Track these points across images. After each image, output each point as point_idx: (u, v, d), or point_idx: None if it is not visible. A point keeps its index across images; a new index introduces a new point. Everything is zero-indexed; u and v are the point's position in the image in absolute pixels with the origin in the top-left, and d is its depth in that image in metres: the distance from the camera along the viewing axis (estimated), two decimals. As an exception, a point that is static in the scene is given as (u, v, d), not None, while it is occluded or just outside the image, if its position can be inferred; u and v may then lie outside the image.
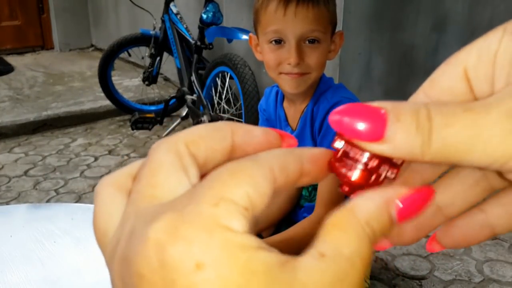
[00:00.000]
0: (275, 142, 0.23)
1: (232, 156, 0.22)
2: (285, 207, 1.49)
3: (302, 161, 0.22)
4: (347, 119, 0.20)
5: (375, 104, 0.20)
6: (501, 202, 0.23)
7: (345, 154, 0.22)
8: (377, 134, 0.19)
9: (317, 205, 1.23)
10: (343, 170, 0.22)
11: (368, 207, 0.20)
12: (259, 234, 1.31)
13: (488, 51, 0.21)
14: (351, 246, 0.19)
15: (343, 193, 0.22)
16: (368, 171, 0.22)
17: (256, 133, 0.23)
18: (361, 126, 0.20)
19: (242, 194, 0.18)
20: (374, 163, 0.21)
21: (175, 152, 0.20)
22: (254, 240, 0.17)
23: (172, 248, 0.16)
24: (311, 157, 0.22)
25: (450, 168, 0.25)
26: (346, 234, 0.20)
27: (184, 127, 3.04)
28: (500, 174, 0.21)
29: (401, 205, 0.21)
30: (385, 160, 0.21)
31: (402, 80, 2.55)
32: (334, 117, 0.20)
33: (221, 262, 0.16)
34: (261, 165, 0.20)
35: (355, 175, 0.22)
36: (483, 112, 0.18)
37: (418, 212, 0.21)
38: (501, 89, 0.20)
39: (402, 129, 0.19)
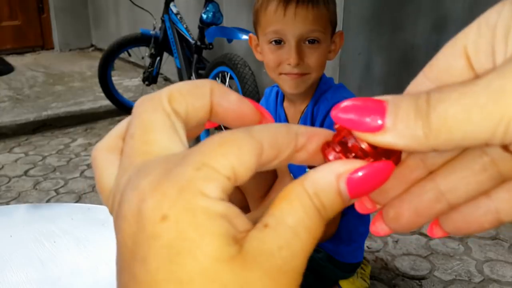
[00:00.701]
0: (250, 113, 0.23)
1: (213, 113, 0.23)
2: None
3: (297, 136, 0.22)
4: (348, 111, 0.20)
5: (377, 97, 0.20)
6: (508, 186, 0.22)
7: (343, 143, 0.21)
8: (377, 125, 0.19)
9: None
10: (330, 157, 0.21)
11: (317, 179, 0.20)
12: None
13: (487, 25, 0.20)
14: (295, 216, 0.19)
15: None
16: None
17: (231, 98, 0.23)
18: (361, 118, 0.20)
19: (226, 164, 0.19)
20: (366, 155, 0.21)
21: (162, 110, 0.21)
22: (221, 208, 0.19)
23: (149, 199, 0.18)
24: (307, 132, 0.22)
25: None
26: (291, 204, 0.20)
27: (184, 127, 3.04)
28: (507, 149, 0.20)
29: (352, 178, 0.20)
30: (380, 157, 0.21)
31: (402, 80, 2.55)
32: (335, 112, 0.20)
33: (181, 218, 0.18)
34: (251, 137, 0.20)
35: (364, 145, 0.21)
36: (478, 80, 0.18)
37: (372, 186, 0.20)
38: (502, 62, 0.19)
39: (402, 116, 0.19)
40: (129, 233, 0.19)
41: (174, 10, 2.78)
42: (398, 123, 0.19)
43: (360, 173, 0.20)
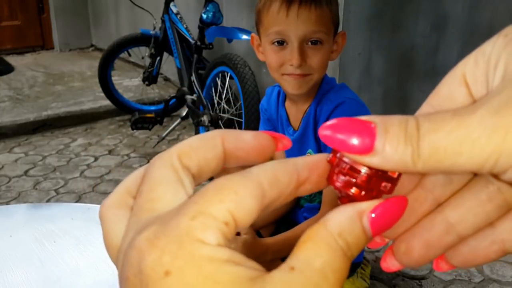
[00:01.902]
0: (267, 144, 0.24)
1: (226, 162, 0.23)
2: (286, 208, 1.49)
3: (298, 170, 0.22)
4: (336, 133, 0.20)
5: (364, 118, 0.20)
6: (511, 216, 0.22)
7: (342, 167, 0.22)
8: (366, 147, 0.19)
9: (322, 205, 1.24)
10: (339, 184, 0.22)
11: (340, 220, 0.20)
12: (258, 232, 1.31)
13: (483, 54, 0.21)
14: (322, 258, 0.19)
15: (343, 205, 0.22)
16: (364, 185, 0.22)
17: (246, 138, 0.23)
18: (350, 139, 0.20)
19: (222, 209, 0.19)
20: (369, 177, 0.21)
21: (170, 167, 0.21)
22: (225, 253, 0.18)
23: (148, 256, 0.18)
24: (307, 164, 0.22)
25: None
26: (317, 246, 0.20)
27: (184, 127, 3.04)
28: (497, 177, 0.21)
29: (373, 216, 0.21)
30: (380, 174, 0.21)
31: (402, 80, 2.55)
32: (323, 132, 0.21)
33: (186, 271, 0.17)
34: (249, 180, 0.20)
35: (352, 190, 0.22)
36: (470, 113, 0.18)
37: (391, 221, 0.21)
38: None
39: (391, 140, 0.19)
40: None
41: (174, 10, 2.78)
42: (387, 147, 0.19)
43: (380, 210, 0.21)
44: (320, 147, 1.29)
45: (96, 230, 0.77)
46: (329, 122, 0.21)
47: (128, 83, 3.86)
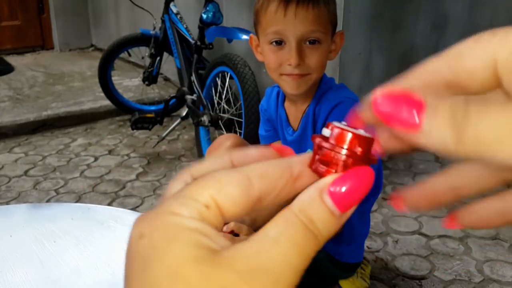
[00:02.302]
0: (271, 157, 0.25)
1: None
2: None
3: (291, 164, 0.23)
4: (387, 103, 0.21)
5: (417, 94, 0.20)
6: None
7: (323, 152, 0.22)
8: (414, 125, 0.20)
9: None
10: (321, 169, 0.22)
11: (301, 197, 0.21)
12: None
13: None
14: (277, 228, 0.20)
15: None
16: (342, 168, 0.22)
17: (251, 153, 0.24)
18: (400, 114, 0.20)
19: (204, 193, 0.21)
20: (349, 161, 0.22)
21: (183, 183, 0.24)
22: (194, 224, 0.20)
23: (133, 227, 0.21)
24: (300, 159, 0.23)
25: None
26: (275, 221, 0.21)
27: (184, 127, 3.04)
28: None
29: (332, 189, 0.21)
30: (360, 157, 0.22)
31: (402, 80, 2.55)
32: (375, 98, 0.21)
33: (155, 233, 0.20)
34: (235, 171, 0.22)
35: (332, 171, 0.22)
36: None
37: (356, 193, 0.21)
38: None
39: (438, 122, 0.19)
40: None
41: (174, 10, 2.77)
42: (434, 128, 0.20)
43: (341, 183, 0.21)
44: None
45: (96, 230, 0.77)
46: (382, 91, 0.21)
47: (128, 83, 3.86)
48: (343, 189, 0.21)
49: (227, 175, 0.21)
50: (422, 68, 0.23)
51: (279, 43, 1.21)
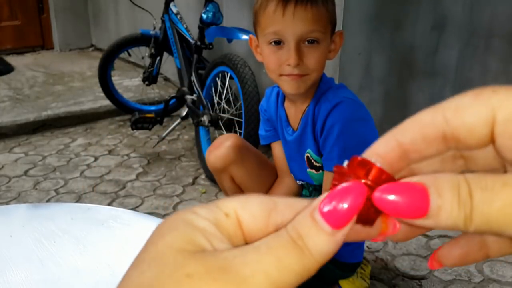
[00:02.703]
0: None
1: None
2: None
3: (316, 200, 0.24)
4: (390, 197, 0.21)
5: (415, 180, 0.21)
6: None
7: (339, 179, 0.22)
8: (421, 212, 0.20)
9: (323, 192, 1.24)
10: None
11: (297, 216, 0.22)
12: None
13: None
14: (263, 240, 0.21)
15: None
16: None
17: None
18: (404, 205, 0.20)
19: (228, 205, 0.23)
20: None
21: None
22: (202, 223, 0.22)
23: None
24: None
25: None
26: (267, 236, 0.22)
27: (184, 127, 3.04)
28: None
29: (322, 206, 0.21)
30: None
31: (402, 80, 2.55)
32: (377, 195, 0.21)
33: (166, 222, 0.23)
34: (265, 197, 0.24)
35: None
36: None
37: (345, 210, 0.21)
38: None
39: (445, 206, 0.20)
40: None
41: (174, 10, 2.77)
42: (442, 212, 0.20)
43: (330, 199, 0.21)
44: (319, 147, 1.29)
45: (96, 230, 0.77)
46: (382, 187, 0.21)
47: (128, 83, 3.86)
48: (333, 204, 0.21)
49: (257, 197, 0.23)
50: (418, 119, 0.23)
51: (278, 43, 1.21)
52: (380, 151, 0.23)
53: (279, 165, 1.49)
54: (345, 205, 0.21)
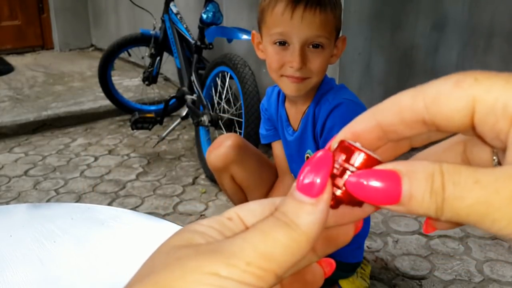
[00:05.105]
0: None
1: None
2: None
3: None
4: (363, 184, 0.21)
5: (390, 167, 0.21)
6: None
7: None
8: (392, 199, 0.20)
9: None
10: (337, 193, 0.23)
11: (279, 203, 0.23)
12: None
13: (504, 111, 0.20)
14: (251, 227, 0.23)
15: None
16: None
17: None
18: (377, 191, 0.21)
19: (230, 211, 0.25)
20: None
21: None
22: (203, 229, 0.23)
23: None
24: None
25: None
26: None
27: (184, 127, 3.04)
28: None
29: (298, 184, 0.22)
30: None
31: (402, 80, 2.55)
32: (350, 181, 0.22)
33: (176, 232, 0.24)
34: (265, 199, 0.25)
35: (338, 192, 0.23)
36: (492, 190, 0.19)
37: (318, 174, 0.22)
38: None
39: (416, 196, 0.20)
40: None
41: (174, 10, 2.77)
42: (413, 201, 0.20)
43: (305, 174, 0.22)
44: (319, 148, 1.29)
45: (96, 230, 0.77)
46: (357, 173, 0.22)
47: (128, 83, 3.86)
48: (306, 177, 0.22)
49: (255, 200, 0.25)
50: (397, 101, 0.23)
51: (283, 44, 1.21)
52: (358, 130, 0.24)
53: (280, 165, 1.49)
54: (316, 175, 0.22)
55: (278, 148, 1.48)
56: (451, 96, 0.21)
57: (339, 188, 0.22)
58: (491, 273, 1.61)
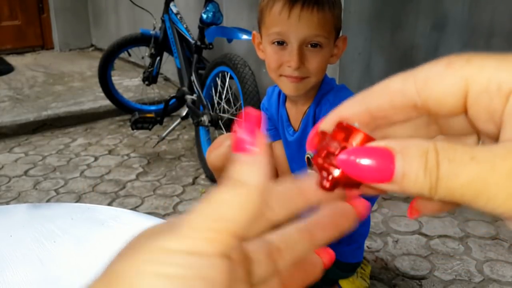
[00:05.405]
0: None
1: None
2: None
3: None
4: (356, 161, 0.20)
5: (383, 144, 0.20)
6: None
7: (326, 149, 0.22)
8: (385, 177, 0.20)
9: None
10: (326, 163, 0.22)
11: None
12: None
13: (499, 90, 0.20)
14: None
15: (323, 189, 0.23)
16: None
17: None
18: (370, 169, 0.20)
19: None
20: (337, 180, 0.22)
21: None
22: (171, 219, 0.23)
23: None
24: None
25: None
26: None
27: (184, 127, 3.04)
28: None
29: (233, 148, 0.22)
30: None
31: (402, 80, 2.55)
32: (342, 158, 0.21)
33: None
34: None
35: (336, 172, 0.22)
36: (488, 167, 0.18)
37: (247, 131, 0.22)
38: (509, 138, 0.20)
39: (410, 174, 0.19)
40: None
41: (174, 10, 2.77)
42: (406, 179, 0.19)
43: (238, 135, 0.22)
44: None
45: (96, 230, 0.77)
46: (349, 150, 0.21)
47: (128, 83, 3.86)
48: (237, 136, 0.22)
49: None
50: (387, 85, 0.23)
51: (281, 43, 1.21)
52: (346, 113, 0.23)
53: (280, 165, 1.49)
54: (246, 132, 0.22)
55: (278, 148, 1.48)
56: (443, 78, 0.21)
57: (337, 167, 0.22)
58: (491, 273, 1.61)
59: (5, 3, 4.97)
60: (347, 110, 0.24)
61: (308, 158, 0.25)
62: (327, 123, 0.24)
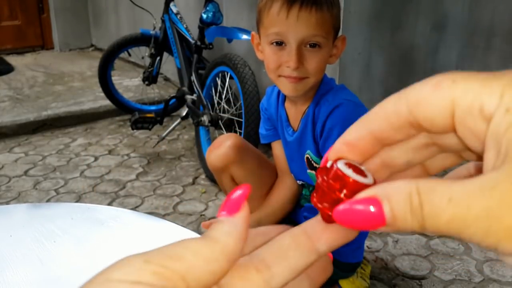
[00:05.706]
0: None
1: None
2: (287, 207, 1.49)
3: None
4: (349, 216, 0.22)
5: (370, 192, 0.22)
6: None
7: (323, 188, 0.24)
8: (379, 222, 0.21)
9: None
10: (325, 205, 0.24)
11: None
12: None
13: (481, 113, 0.20)
14: None
15: (326, 223, 0.24)
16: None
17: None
18: (363, 219, 0.22)
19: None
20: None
21: None
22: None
23: None
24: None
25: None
26: None
27: (184, 127, 3.04)
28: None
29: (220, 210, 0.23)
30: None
31: (402, 80, 2.55)
32: (337, 215, 0.22)
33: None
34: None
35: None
36: (464, 207, 0.19)
37: (234, 199, 0.23)
38: (490, 166, 0.20)
39: (399, 217, 0.21)
40: None
41: (174, 10, 2.77)
42: (397, 222, 0.21)
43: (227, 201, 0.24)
44: (318, 148, 1.29)
45: (96, 230, 0.77)
46: (340, 208, 0.22)
47: (128, 83, 3.86)
48: (226, 201, 0.23)
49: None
50: (383, 107, 0.24)
51: (280, 44, 1.21)
52: (352, 139, 0.25)
53: (279, 165, 1.49)
54: (233, 199, 0.23)
55: (278, 148, 1.48)
56: (431, 99, 0.22)
57: (330, 210, 0.23)
58: (491, 273, 1.61)
59: (5, 3, 4.96)
60: (351, 136, 0.25)
61: (308, 158, 0.25)
62: (334, 153, 0.25)
